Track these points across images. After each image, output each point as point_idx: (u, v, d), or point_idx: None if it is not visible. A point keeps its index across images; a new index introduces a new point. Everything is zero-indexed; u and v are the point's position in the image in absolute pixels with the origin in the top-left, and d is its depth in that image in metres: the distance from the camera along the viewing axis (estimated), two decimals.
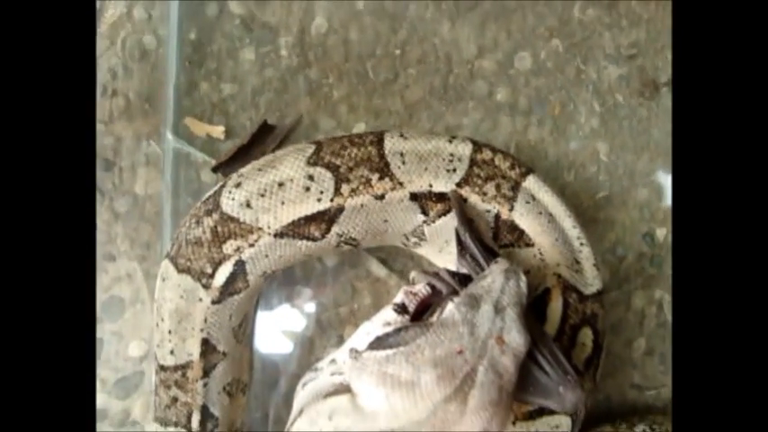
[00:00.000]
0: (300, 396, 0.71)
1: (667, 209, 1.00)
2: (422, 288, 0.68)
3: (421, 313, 0.66)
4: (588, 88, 0.97)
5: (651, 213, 0.99)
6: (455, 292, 0.64)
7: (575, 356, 0.74)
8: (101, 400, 0.86)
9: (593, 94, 0.97)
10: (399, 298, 0.67)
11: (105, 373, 0.86)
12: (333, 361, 0.70)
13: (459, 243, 0.71)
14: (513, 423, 0.69)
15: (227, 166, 0.84)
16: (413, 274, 0.70)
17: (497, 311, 0.60)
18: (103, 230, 0.86)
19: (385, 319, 0.66)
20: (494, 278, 0.63)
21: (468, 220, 0.74)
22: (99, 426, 0.85)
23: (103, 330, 0.86)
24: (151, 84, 0.88)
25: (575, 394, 0.62)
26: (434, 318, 0.62)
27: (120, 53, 0.88)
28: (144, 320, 0.85)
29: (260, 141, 0.86)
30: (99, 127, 0.87)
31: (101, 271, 0.86)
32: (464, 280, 0.67)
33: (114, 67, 0.88)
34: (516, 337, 0.59)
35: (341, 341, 0.88)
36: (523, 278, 0.64)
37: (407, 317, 0.65)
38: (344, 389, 0.62)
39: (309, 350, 0.88)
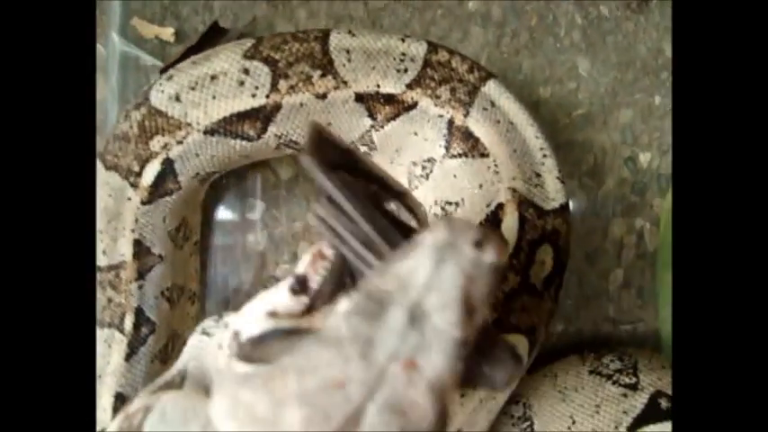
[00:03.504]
0: (185, 351, 0.61)
1: (652, 132, 0.93)
2: (328, 252, 0.48)
3: (332, 292, 0.47)
4: None
5: (634, 136, 0.93)
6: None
7: (533, 275, 0.69)
8: None
9: (574, 5, 0.90)
10: (302, 266, 0.49)
11: None
12: (226, 326, 0.56)
13: (330, 203, 0.46)
14: None
15: None
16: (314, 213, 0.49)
17: (413, 321, 0.40)
18: None
19: (275, 301, 0.48)
20: (418, 262, 0.41)
21: (346, 160, 0.48)
22: None
23: None
24: None
25: (505, 371, 0.45)
26: (321, 319, 0.44)
27: None
28: None
29: (210, 44, 0.81)
30: None
31: None
32: (388, 234, 0.46)
33: None
34: (436, 361, 0.40)
35: (294, 258, 0.85)
36: (469, 251, 0.41)
37: (305, 299, 0.48)
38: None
39: (262, 266, 0.85)
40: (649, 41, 0.92)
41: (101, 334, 0.73)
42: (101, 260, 0.72)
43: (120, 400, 0.73)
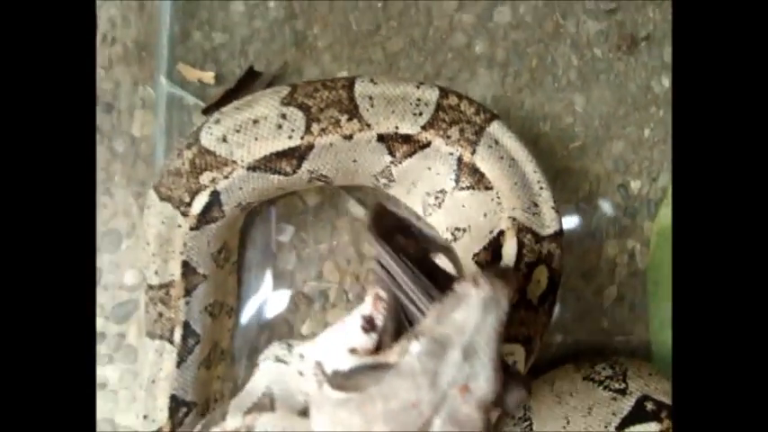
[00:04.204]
0: (261, 375, 0.73)
1: (642, 161, 1.03)
2: (385, 295, 0.62)
3: (395, 329, 0.61)
4: (566, 42, 1.00)
5: (626, 165, 1.03)
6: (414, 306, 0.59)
7: (530, 292, 0.79)
8: (99, 323, 0.94)
9: (571, 48, 1.00)
10: (367, 308, 0.62)
11: (104, 299, 0.94)
12: (301, 356, 0.70)
13: (383, 269, 0.60)
14: None
15: (216, 108, 0.90)
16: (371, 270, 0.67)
17: (466, 357, 0.54)
18: (103, 168, 0.93)
19: (350, 341, 0.62)
20: (469, 313, 0.54)
21: (401, 227, 0.63)
22: (98, 348, 0.94)
23: (102, 260, 0.94)
24: (147, 32, 0.95)
25: (518, 396, 0.57)
26: (395, 355, 0.56)
27: (118, 3, 0.95)
28: (139, 252, 0.93)
29: (247, 86, 0.92)
30: (99, 72, 0.94)
31: (100, 206, 0.94)
32: (424, 282, 0.59)
33: (113, 17, 0.95)
34: (483, 386, 0.54)
35: (320, 276, 0.95)
36: (505, 303, 0.55)
37: (375, 336, 0.61)
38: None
39: (290, 283, 0.95)
40: (638, 79, 1.02)
41: (152, 344, 0.84)
42: (152, 279, 0.83)
43: (175, 402, 0.83)
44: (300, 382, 0.68)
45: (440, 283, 0.58)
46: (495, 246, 0.80)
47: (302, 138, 0.78)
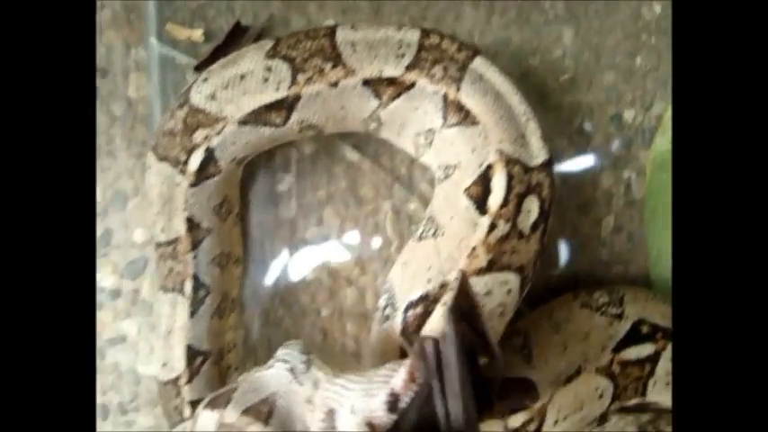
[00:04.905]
0: (271, 377, 0.73)
1: (635, 90, 1.03)
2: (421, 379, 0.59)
3: (415, 422, 0.59)
4: None
5: (618, 95, 1.03)
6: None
7: (520, 222, 0.80)
8: (114, 281, 0.98)
9: None
10: (398, 384, 0.59)
11: (116, 257, 0.98)
12: (316, 384, 0.69)
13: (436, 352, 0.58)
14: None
15: (207, 65, 0.92)
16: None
17: None
18: (103, 133, 0.96)
19: (371, 409, 0.60)
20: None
21: (471, 315, 0.63)
22: (114, 304, 0.98)
23: (112, 221, 0.98)
24: None
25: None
26: None
27: None
28: (145, 211, 0.96)
29: (235, 42, 0.93)
30: None
31: (105, 169, 0.97)
32: (468, 389, 0.58)
33: None
34: None
35: (320, 222, 0.98)
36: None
37: (394, 416, 0.59)
38: None
39: (292, 230, 0.98)
40: (627, 9, 1.01)
41: (165, 298, 0.88)
42: (160, 237, 0.86)
43: (191, 351, 0.88)
44: (305, 413, 0.68)
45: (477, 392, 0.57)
46: (484, 180, 0.81)
47: (289, 89, 0.80)
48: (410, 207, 0.98)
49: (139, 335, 0.99)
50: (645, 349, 0.87)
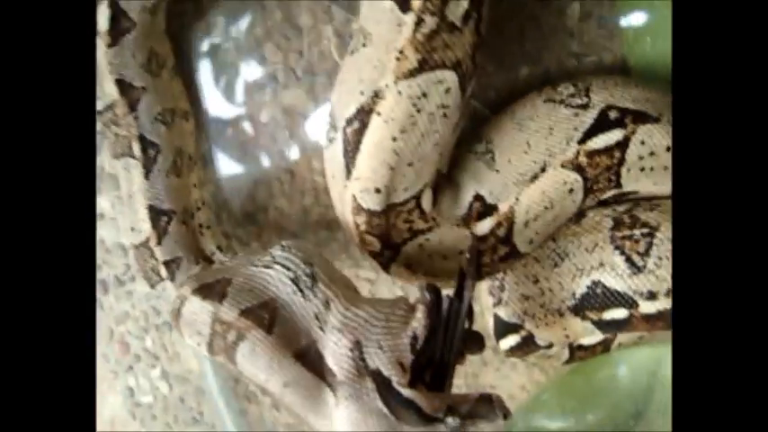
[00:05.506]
0: (271, 281, 0.73)
1: None
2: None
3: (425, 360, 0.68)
4: None
5: None
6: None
7: (450, 13, 0.70)
8: None
9: None
10: (419, 327, 0.68)
11: None
12: (327, 305, 0.71)
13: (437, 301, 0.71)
14: (395, 82, 0.70)
15: None
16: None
17: None
18: None
19: (399, 350, 0.67)
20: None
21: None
22: None
23: None
24: None
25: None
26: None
27: None
28: None
29: None
30: None
31: None
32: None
33: None
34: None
35: (263, 60, 0.93)
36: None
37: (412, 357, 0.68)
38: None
39: (235, 74, 0.94)
40: None
41: (119, 164, 0.88)
42: (98, 105, 0.84)
43: (154, 212, 0.88)
44: (313, 328, 0.69)
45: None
46: None
47: None
48: (353, 27, 0.92)
49: (114, 209, 1.00)
50: (613, 136, 0.82)
